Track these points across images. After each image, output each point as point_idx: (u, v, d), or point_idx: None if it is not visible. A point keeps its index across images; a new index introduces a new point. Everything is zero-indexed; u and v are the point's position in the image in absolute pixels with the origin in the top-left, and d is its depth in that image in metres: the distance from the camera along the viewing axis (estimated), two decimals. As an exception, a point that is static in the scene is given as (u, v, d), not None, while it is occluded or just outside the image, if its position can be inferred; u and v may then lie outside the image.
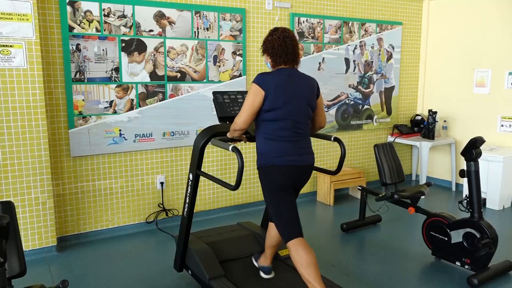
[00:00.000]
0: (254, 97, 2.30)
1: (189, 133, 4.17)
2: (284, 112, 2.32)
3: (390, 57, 5.47)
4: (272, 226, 2.68)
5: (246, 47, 4.37)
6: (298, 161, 2.37)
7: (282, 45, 2.35)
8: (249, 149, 4.53)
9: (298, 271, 2.30)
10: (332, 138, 2.71)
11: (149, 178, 4.04)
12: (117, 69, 3.75)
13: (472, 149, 3.18)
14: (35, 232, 3.44)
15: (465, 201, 3.23)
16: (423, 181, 5.20)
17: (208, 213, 4.42)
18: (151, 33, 3.86)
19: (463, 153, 3.23)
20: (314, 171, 5.01)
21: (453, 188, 5.48)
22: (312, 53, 4.81)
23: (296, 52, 2.40)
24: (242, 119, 2.33)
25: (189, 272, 2.95)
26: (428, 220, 3.40)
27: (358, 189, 4.18)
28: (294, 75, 2.39)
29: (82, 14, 3.55)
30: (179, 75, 4.05)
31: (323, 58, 4.90)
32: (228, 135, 2.52)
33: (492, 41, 4.98)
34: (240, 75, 4.38)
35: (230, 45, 4.27)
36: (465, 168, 3.26)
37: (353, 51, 5.13)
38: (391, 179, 3.77)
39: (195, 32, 4.07)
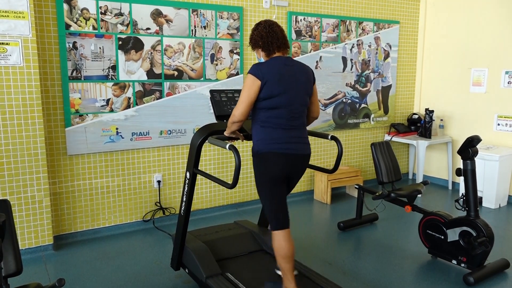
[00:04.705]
0: (250, 88, 2.31)
1: (186, 132, 4.16)
2: (281, 100, 2.34)
3: (387, 56, 5.47)
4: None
5: (244, 45, 4.36)
6: (293, 149, 2.38)
7: (270, 32, 2.40)
8: (246, 148, 4.53)
9: (276, 259, 2.45)
10: (329, 137, 2.71)
11: (146, 176, 4.04)
12: (114, 67, 3.74)
13: (469, 148, 3.19)
14: (32, 231, 3.43)
15: (462, 199, 3.24)
16: (419, 179, 5.21)
17: (205, 211, 4.42)
18: (148, 31, 3.85)
19: (459, 152, 3.24)
20: (311, 170, 5.02)
21: (450, 187, 5.49)
22: (310, 52, 4.81)
23: (284, 36, 2.44)
24: (239, 110, 2.33)
25: (186, 270, 2.95)
26: (425, 218, 3.41)
27: (355, 187, 4.19)
28: (289, 63, 2.41)
29: (79, 12, 3.54)
30: (176, 73, 4.04)
31: (321, 57, 4.90)
32: (226, 130, 2.51)
33: (489, 40, 4.99)
34: (237, 74, 4.37)
35: (228, 44, 4.27)
36: (461, 166, 3.27)
37: (351, 50, 5.13)
38: (388, 178, 3.77)
39: (192, 30, 4.06)
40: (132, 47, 3.80)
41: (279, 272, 2.66)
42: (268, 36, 2.39)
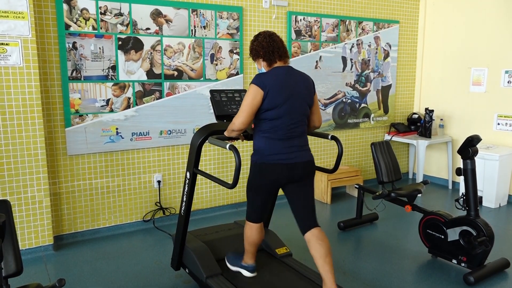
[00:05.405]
0: (253, 98, 2.31)
1: (186, 132, 4.16)
2: (283, 111, 2.35)
3: (387, 55, 5.47)
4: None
5: (243, 45, 4.36)
6: (291, 158, 2.40)
7: (270, 42, 2.41)
8: (246, 148, 4.53)
9: (244, 243, 2.67)
10: (329, 137, 2.71)
11: (146, 176, 4.04)
12: (114, 68, 3.74)
13: (469, 148, 3.19)
14: (32, 231, 3.43)
15: (462, 199, 3.24)
16: (419, 179, 5.21)
17: (205, 211, 4.42)
18: (148, 31, 3.85)
19: (459, 152, 3.24)
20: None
21: (450, 186, 5.49)
22: (309, 52, 4.81)
23: (284, 46, 2.46)
24: (240, 120, 2.33)
25: (186, 270, 2.95)
26: (425, 218, 3.41)
27: (355, 187, 4.19)
28: (291, 73, 2.42)
29: (79, 12, 3.54)
30: (176, 73, 4.04)
31: (320, 57, 4.90)
32: (226, 134, 2.52)
33: (489, 39, 4.99)
34: (237, 74, 4.37)
35: (227, 44, 4.27)
36: (461, 166, 3.27)
37: (350, 49, 5.13)
38: (388, 177, 3.77)
39: (192, 30, 4.06)
40: (132, 47, 3.80)
41: (233, 267, 2.82)
42: (269, 46, 2.40)
